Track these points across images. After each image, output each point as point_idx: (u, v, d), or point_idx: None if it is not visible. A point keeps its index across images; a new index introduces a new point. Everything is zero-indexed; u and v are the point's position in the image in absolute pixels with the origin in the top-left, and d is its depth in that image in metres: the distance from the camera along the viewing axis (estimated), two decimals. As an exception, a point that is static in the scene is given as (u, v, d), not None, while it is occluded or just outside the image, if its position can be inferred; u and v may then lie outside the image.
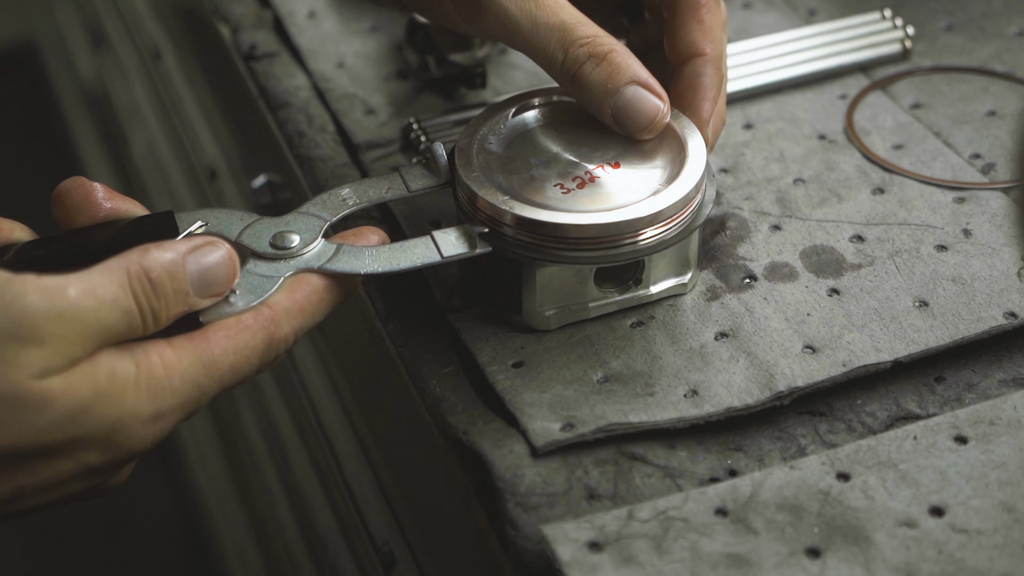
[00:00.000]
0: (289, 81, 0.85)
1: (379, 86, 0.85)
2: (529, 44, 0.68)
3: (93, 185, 0.63)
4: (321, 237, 0.65)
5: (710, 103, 0.70)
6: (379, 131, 0.81)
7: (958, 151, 0.78)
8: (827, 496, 0.61)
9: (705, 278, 0.71)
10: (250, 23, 0.91)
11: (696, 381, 0.65)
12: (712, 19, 0.71)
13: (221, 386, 0.60)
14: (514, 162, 0.69)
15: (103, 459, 0.57)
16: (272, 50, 0.88)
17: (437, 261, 0.65)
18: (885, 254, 0.72)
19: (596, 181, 0.67)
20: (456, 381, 0.66)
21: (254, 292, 0.61)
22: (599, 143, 0.69)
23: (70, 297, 0.55)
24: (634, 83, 0.68)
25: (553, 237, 0.65)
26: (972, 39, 0.87)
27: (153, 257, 0.58)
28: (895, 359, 0.66)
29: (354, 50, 0.88)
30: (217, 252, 0.60)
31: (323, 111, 0.83)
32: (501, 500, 0.60)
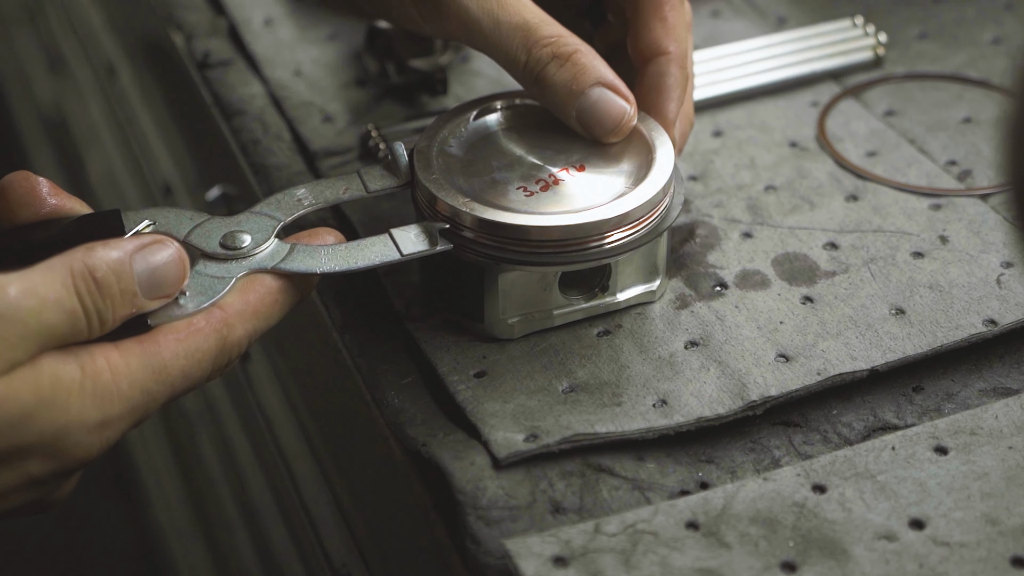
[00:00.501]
0: (244, 89, 0.83)
1: (337, 94, 0.82)
2: (491, 44, 0.66)
3: (38, 180, 0.60)
4: (274, 237, 0.62)
5: (675, 103, 0.68)
6: (337, 139, 0.78)
7: (933, 158, 0.76)
8: (802, 508, 0.58)
9: (674, 286, 0.68)
10: (204, 31, 0.88)
11: (665, 391, 0.63)
12: (675, 17, 0.68)
13: (172, 392, 0.57)
14: (475, 165, 0.66)
15: (47, 469, 0.53)
16: (227, 58, 0.85)
17: (396, 259, 0.62)
18: (860, 261, 0.69)
19: (560, 184, 0.65)
20: (415, 392, 0.64)
21: (205, 293, 0.58)
22: (563, 146, 0.67)
23: (9, 297, 0.52)
24: (600, 84, 0.65)
25: (515, 240, 0.62)
26: (945, 46, 0.85)
27: (98, 255, 0.54)
28: (872, 367, 0.64)
29: (311, 58, 0.85)
30: (166, 251, 0.57)
31: (279, 119, 0.80)
32: (462, 514, 0.57)
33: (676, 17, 0.68)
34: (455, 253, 0.63)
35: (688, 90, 0.70)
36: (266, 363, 0.89)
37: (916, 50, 0.85)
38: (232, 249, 0.61)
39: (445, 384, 0.63)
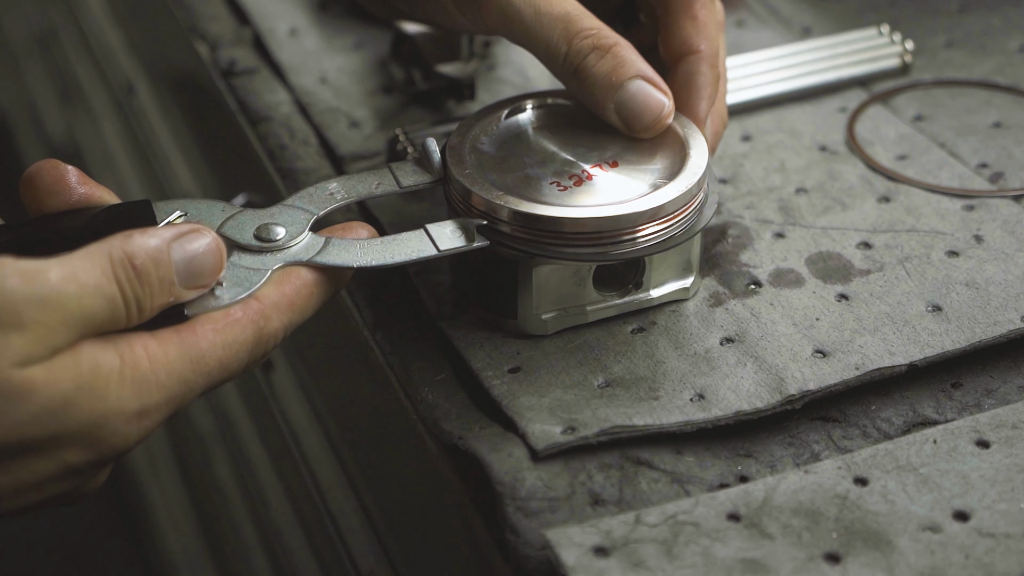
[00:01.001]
0: (270, 96, 0.82)
1: (363, 100, 0.82)
2: (531, 35, 0.65)
3: (67, 168, 0.60)
4: (308, 230, 0.61)
5: (706, 102, 0.67)
6: (364, 143, 0.78)
7: (964, 161, 0.76)
8: (845, 501, 0.57)
9: (707, 284, 0.68)
10: (229, 41, 0.88)
11: (702, 385, 0.62)
12: (706, 16, 0.68)
13: (209, 382, 0.56)
14: (508, 161, 0.66)
15: (85, 458, 0.53)
16: (252, 66, 0.85)
17: (433, 255, 0.62)
18: (894, 260, 0.69)
19: (593, 179, 0.64)
20: (450, 388, 0.63)
21: (241, 285, 0.58)
22: (596, 144, 0.66)
23: (51, 282, 0.51)
24: (639, 77, 0.65)
25: (550, 232, 0.62)
26: (972, 55, 0.85)
27: (137, 243, 0.54)
28: (910, 362, 0.63)
29: (337, 66, 0.85)
30: (203, 240, 0.56)
31: (305, 125, 0.80)
32: (500, 505, 0.57)
33: (707, 16, 0.68)
34: (489, 248, 0.63)
35: (721, 89, 0.69)
36: (290, 372, 0.88)
37: (943, 58, 0.85)
38: (267, 241, 0.60)
39: (479, 379, 0.63)
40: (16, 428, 0.50)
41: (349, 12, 0.90)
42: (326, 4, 0.91)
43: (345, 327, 0.70)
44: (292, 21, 0.89)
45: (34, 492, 0.53)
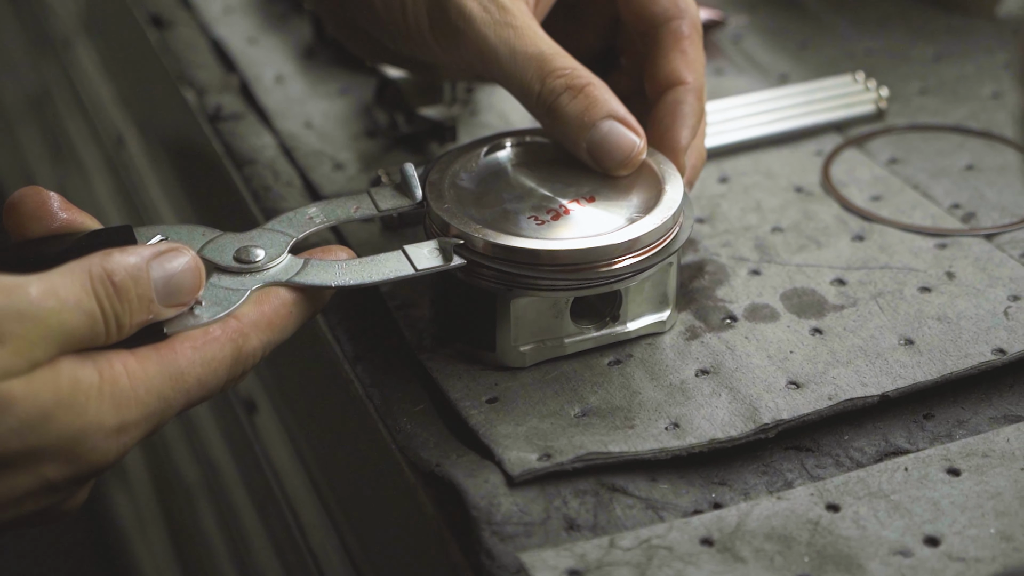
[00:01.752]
0: (255, 140, 0.84)
1: (347, 144, 0.83)
2: (506, 73, 0.67)
3: (49, 194, 0.61)
4: (287, 252, 0.62)
5: (689, 130, 0.69)
6: (348, 184, 0.79)
7: (937, 202, 0.77)
8: (817, 526, 0.58)
9: (684, 319, 0.69)
10: (216, 88, 0.89)
11: (677, 415, 0.63)
12: (695, 52, 0.70)
13: (187, 400, 0.57)
14: (486, 197, 0.67)
15: (63, 473, 0.53)
16: (238, 111, 0.86)
17: (411, 274, 0.62)
18: (867, 295, 0.70)
19: (571, 214, 0.65)
20: (428, 419, 0.64)
21: (220, 304, 0.59)
22: (573, 180, 0.68)
23: (30, 296, 0.52)
24: (611, 117, 0.66)
25: (527, 264, 0.63)
26: (946, 101, 0.87)
27: (116, 260, 0.55)
28: (882, 393, 0.64)
29: (322, 111, 0.87)
30: (182, 258, 0.57)
31: (290, 167, 0.81)
32: (476, 529, 0.57)
33: (695, 52, 0.70)
34: (468, 280, 0.64)
35: (702, 125, 0.70)
36: (272, 412, 0.88)
37: (917, 104, 0.86)
38: (246, 263, 0.61)
39: (457, 409, 0.63)
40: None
41: (334, 60, 0.91)
42: (312, 52, 0.93)
43: (326, 361, 0.71)
44: (278, 68, 0.91)
45: (11, 508, 0.53)
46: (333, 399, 0.73)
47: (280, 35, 0.95)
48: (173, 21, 0.97)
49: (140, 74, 1.07)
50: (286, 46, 0.94)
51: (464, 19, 0.66)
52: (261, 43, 0.94)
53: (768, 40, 0.94)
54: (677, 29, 0.70)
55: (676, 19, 0.70)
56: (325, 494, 0.81)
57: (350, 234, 0.75)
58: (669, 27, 0.70)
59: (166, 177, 1.07)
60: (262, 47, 0.93)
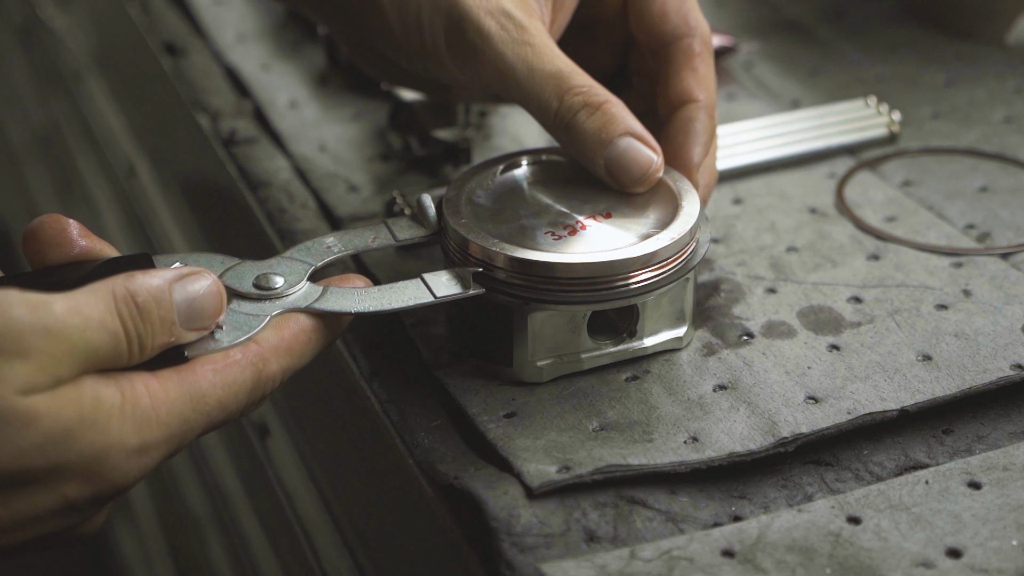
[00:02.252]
0: (269, 163, 0.84)
1: (362, 166, 0.83)
2: (523, 91, 0.67)
3: (68, 221, 0.61)
4: (306, 280, 0.63)
5: (701, 147, 0.69)
6: (362, 206, 0.79)
7: (952, 222, 0.77)
8: (838, 538, 0.58)
9: (700, 336, 0.69)
10: (229, 113, 0.89)
11: (696, 429, 0.63)
12: (706, 70, 0.70)
13: (208, 422, 0.56)
14: (503, 213, 0.67)
15: (84, 493, 0.53)
16: (252, 135, 0.87)
17: (430, 301, 0.63)
18: (884, 313, 0.70)
19: (587, 229, 0.65)
20: (445, 434, 0.63)
21: (240, 329, 0.59)
22: (590, 197, 0.68)
23: (55, 313, 0.52)
24: (628, 134, 0.66)
25: (545, 278, 0.63)
26: (958, 125, 0.87)
27: (139, 282, 0.55)
28: (901, 407, 0.64)
29: (336, 135, 0.87)
30: (204, 282, 0.57)
31: (304, 190, 0.81)
32: (496, 540, 0.57)
33: (707, 70, 0.70)
34: (485, 295, 0.64)
35: (713, 143, 0.71)
36: (286, 435, 0.88)
37: (930, 128, 0.87)
38: (266, 289, 0.61)
39: (475, 424, 0.63)
40: (18, 456, 0.51)
41: (348, 86, 0.92)
42: (325, 78, 0.93)
43: (341, 379, 0.71)
44: (292, 94, 0.91)
45: (31, 527, 0.53)
46: (348, 417, 0.72)
47: (294, 62, 0.95)
48: (186, 48, 0.97)
49: (153, 102, 1.07)
50: (300, 72, 0.94)
51: (482, 37, 0.67)
52: (275, 69, 0.94)
53: (779, 66, 0.94)
54: (688, 47, 0.71)
55: (687, 37, 0.71)
56: (339, 515, 0.81)
57: (365, 255, 0.75)
58: (680, 45, 0.71)
59: (179, 205, 1.07)
60: (276, 73, 0.94)
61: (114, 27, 1.16)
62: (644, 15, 0.72)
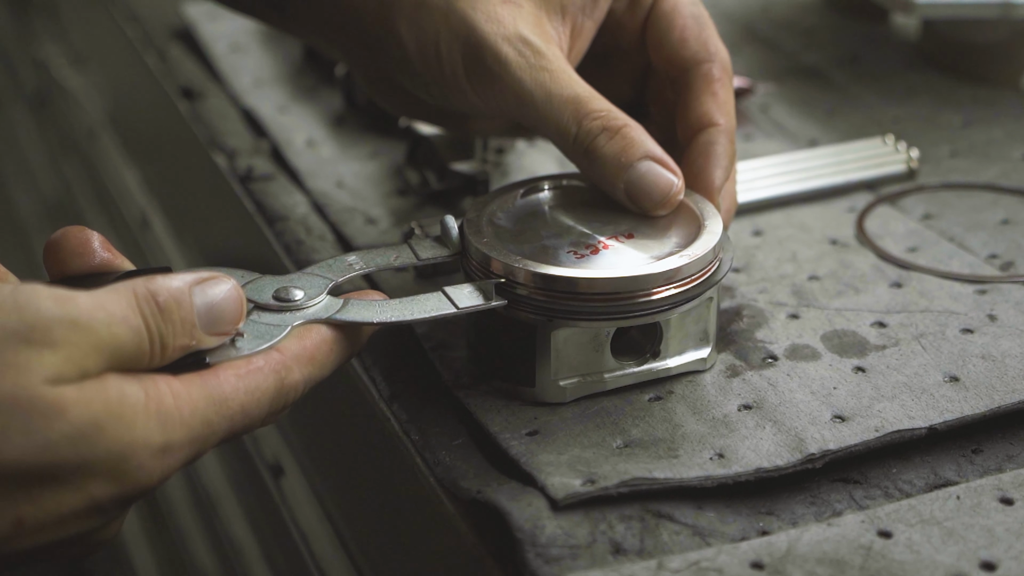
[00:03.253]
0: (287, 199, 0.84)
1: (380, 201, 0.83)
2: (542, 116, 0.67)
3: (92, 232, 0.60)
4: (327, 293, 0.62)
5: (722, 171, 0.68)
6: (380, 237, 0.79)
7: (974, 253, 0.77)
8: (869, 551, 0.57)
9: (724, 359, 0.68)
10: (247, 151, 0.89)
11: (722, 446, 0.62)
12: (726, 95, 0.70)
13: (231, 427, 0.56)
14: (525, 234, 0.67)
15: (109, 492, 0.52)
16: (269, 172, 0.87)
17: (452, 312, 0.62)
18: (909, 336, 0.69)
19: (609, 249, 0.65)
20: (467, 452, 0.62)
21: (262, 338, 0.58)
22: (611, 219, 0.67)
23: (80, 307, 0.51)
24: (648, 158, 0.66)
25: (568, 294, 0.62)
26: (977, 162, 0.87)
27: (159, 282, 0.54)
28: (930, 425, 0.63)
29: (353, 171, 0.87)
30: (224, 286, 0.57)
31: (322, 223, 0.81)
32: (520, 551, 0.56)
33: (727, 95, 0.70)
34: (507, 313, 0.63)
35: (733, 168, 0.70)
36: (301, 475, 0.87)
37: (948, 165, 0.86)
38: (286, 301, 0.61)
39: (497, 442, 0.62)
40: (48, 449, 0.50)
41: (365, 127, 0.92)
42: (342, 119, 0.93)
43: (359, 404, 0.70)
44: (309, 133, 0.91)
45: (57, 529, 0.52)
46: (366, 443, 0.71)
47: (311, 104, 0.95)
48: (203, 93, 0.98)
49: (168, 149, 1.07)
50: (317, 114, 0.94)
51: (500, 63, 0.67)
52: (292, 111, 0.94)
53: (795, 108, 0.95)
54: (708, 72, 0.71)
55: (707, 63, 0.71)
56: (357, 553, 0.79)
57: (383, 281, 0.75)
58: (700, 71, 0.71)
59: (193, 251, 1.07)
60: (293, 115, 0.94)
61: (130, 78, 1.16)
62: (663, 42, 0.72)
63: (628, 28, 0.73)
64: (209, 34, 1.05)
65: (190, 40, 1.06)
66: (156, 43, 1.07)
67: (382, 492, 0.71)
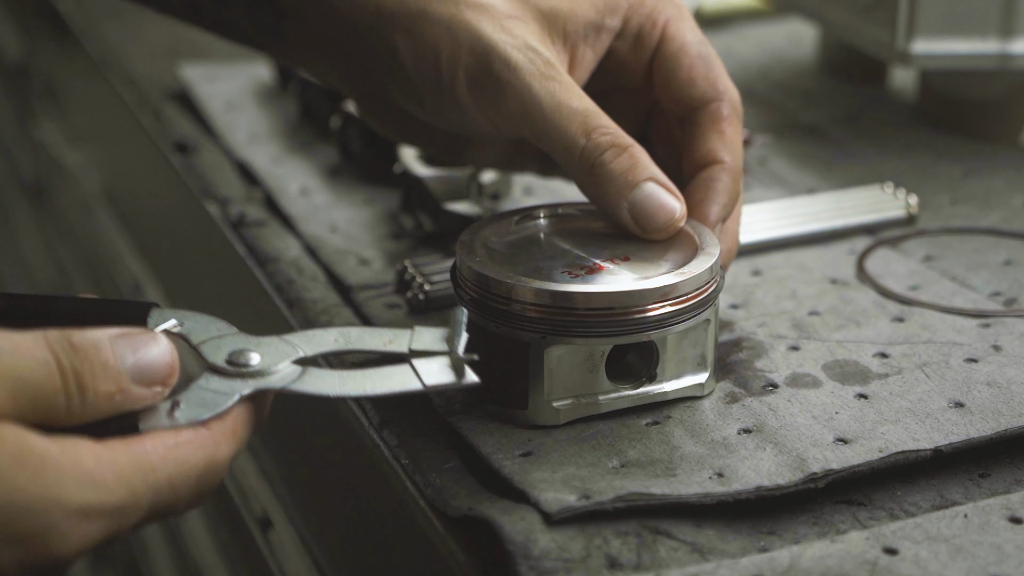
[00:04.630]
0: (279, 242, 0.82)
1: (373, 244, 0.82)
2: (549, 125, 0.65)
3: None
4: (290, 362, 0.58)
5: (720, 208, 0.67)
6: (375, 277, 0.78)
7: (977, 290, 0.75)
8: (875, 566, 0.55)
9: (723, 387, 0.66)
10: (239, 199, 0.88)
11: (721, 466, 0.60)
12: (733, 133, 0.68)
13: (156, 499, 0.51)
14: (519, 256, 0.65)
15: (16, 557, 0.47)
16: (261, 218, 0.86)
17: (417, 389, 0.59)
18: (912, 365, 0.67)
19: (605, 270, 0.64)
20: (458, 474, 0.61)
21: (204, 407, 0.54)
22: (608, 244, 0.66)
23: None
24: (654, 180, 0.65)
25: (563, 309, 0.61)
26: (977, 209, 0.86)
27: (74, 331, 0.51)
28: (935, 447, 0.61)
29: (346, 217, 0.86)
30: (150, 338, 0.52)
31: (314, 265, 0.80)
32: (513, 564, 0.54)
33: (734, 134, 0.68)
34: (500, 331, 0.62)
35: (736, 208, 0.69)
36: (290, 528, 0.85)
37: (948, 212, 0.85)
38: (238, 366, 0.57)
39: (489, 462, 0.60)
40: None
41: (360, 177, 0.91)
42: (337, 171, 0.92)
43: (349, 433, 0.68)
44: (303, 182, 0.90)
45: None
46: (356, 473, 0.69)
47: (305, 157, 0.95)
48: (197, 147, 0.97)
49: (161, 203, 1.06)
50: (311, 166, 0.93)
51: (509, 68, 0.65)
52: (286, 163, 0.94)
53: (793, 161, 0.94)
54: (716, 110, 0.69)
55: (715, 101, 0.69)
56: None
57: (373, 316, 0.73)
58: (708, 109, 0.69)
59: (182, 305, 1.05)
60: (287, 166, 0.93)
61: (126, 141, 1.16)
62: (671, 81, 0.70)
63: (632, 67, 0.72)
64: (205, 94, 1.05)
65: (186, 101, 1.06)
66: (152, 103, 1.06)
67: (371, 525, 0.69)
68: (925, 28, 0.90)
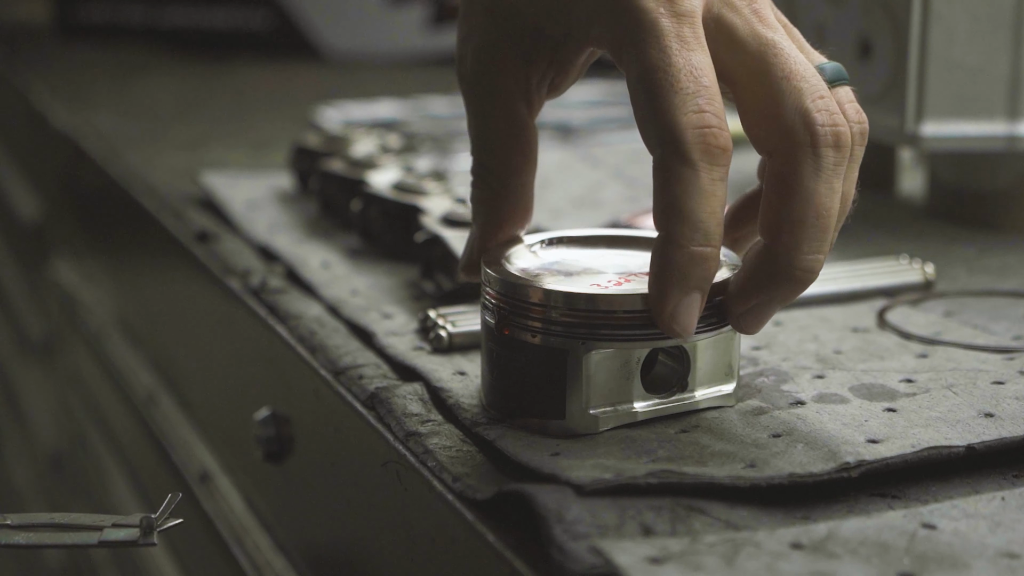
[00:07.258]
0: (300, 305, 0.83)
1: (395, 303, 0.82)
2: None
3: None
4: None
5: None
6: (398, 329, 0.78)
7: (999, 335, 0.75)
8: (914, 537, 0.54)
9: (749, 404, 0.66)
10: (260, 272, 0.89)
11: (753, 458, 0.59)
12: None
13: None
14: (544, 271, 0.66)
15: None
16: (281, 287, 0.86)
17: (94, 544, 0.60)
18: (939, 386, 0.67)
19: (635, 279, 0.64)
20: (487, 474, 0.60)
21: None
22: (632, 260, 0.67)
23: None
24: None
25: (603, 312, 0.61)
26: (995, 278, 0.86)
27: None
28: (968, 444, 0.60)
29: (367, 283, 0.86)
30: None
31: (335, 321, 0.80)
32: (545, 527, 0.53)
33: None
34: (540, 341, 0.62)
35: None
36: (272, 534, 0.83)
37: (965, 281, 0.86)
38: None
39: (518, 461, 0.60)
40: None
41: (382, 255, 0.92)
42: (358, 252, 0.93)
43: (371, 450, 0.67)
44: (323, 256, 0.91)
45: None
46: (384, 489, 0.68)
47: (326, 241, 0.96)
48: (218, 236, 0.98)
49: (177, 291, 1.07)
50: (332, 248, 0.94)
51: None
52: (307, 245, 0.95)
53: (809, 245, 0.95)
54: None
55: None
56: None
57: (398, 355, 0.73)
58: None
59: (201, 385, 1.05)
60: (308, 247, 0.94)
61: (142, 251, 1.17)
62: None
63: None
64: (226, 196, 1.07)
65: (207, 205, 1.08)
66: (173, 206, 1.08)
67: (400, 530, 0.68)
68: (933, 111, 0.92)
